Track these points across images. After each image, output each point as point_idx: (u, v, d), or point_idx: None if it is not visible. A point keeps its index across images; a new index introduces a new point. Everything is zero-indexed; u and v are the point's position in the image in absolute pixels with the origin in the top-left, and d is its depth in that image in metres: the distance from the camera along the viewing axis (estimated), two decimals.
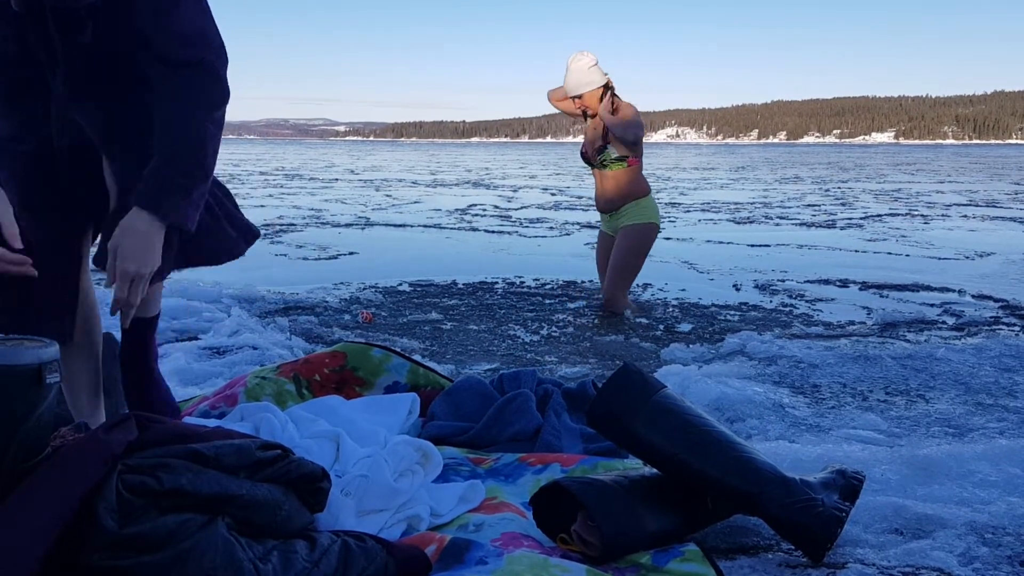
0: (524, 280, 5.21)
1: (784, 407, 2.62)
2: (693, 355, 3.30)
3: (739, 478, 1.60)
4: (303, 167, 25.82)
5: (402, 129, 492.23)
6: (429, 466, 1.77)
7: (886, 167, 29.65)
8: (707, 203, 12.10)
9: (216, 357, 3.16)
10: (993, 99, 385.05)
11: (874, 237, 7.83)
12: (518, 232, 8.16)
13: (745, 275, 5.52)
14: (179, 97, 1.56)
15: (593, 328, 3.86)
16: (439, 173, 22.57)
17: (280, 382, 2.32)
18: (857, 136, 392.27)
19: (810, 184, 17.83)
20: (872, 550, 1.64)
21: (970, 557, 1.61)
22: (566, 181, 18.49)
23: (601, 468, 1.86)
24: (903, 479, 1.97)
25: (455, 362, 3.19)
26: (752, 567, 1.58)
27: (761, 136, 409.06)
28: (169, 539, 1.09)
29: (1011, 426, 2.46)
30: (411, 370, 2.45)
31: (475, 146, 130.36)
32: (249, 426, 1.88)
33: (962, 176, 22.05)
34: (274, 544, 1.24)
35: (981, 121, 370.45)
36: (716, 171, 25.59)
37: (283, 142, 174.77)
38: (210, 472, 1.18)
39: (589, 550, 1.53)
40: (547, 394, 2.30)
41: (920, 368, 3.10)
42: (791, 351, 3.28)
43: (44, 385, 1.11)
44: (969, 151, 75.04)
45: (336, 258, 6.33)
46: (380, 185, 16.47)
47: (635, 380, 1.71)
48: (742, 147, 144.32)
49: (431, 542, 1.49)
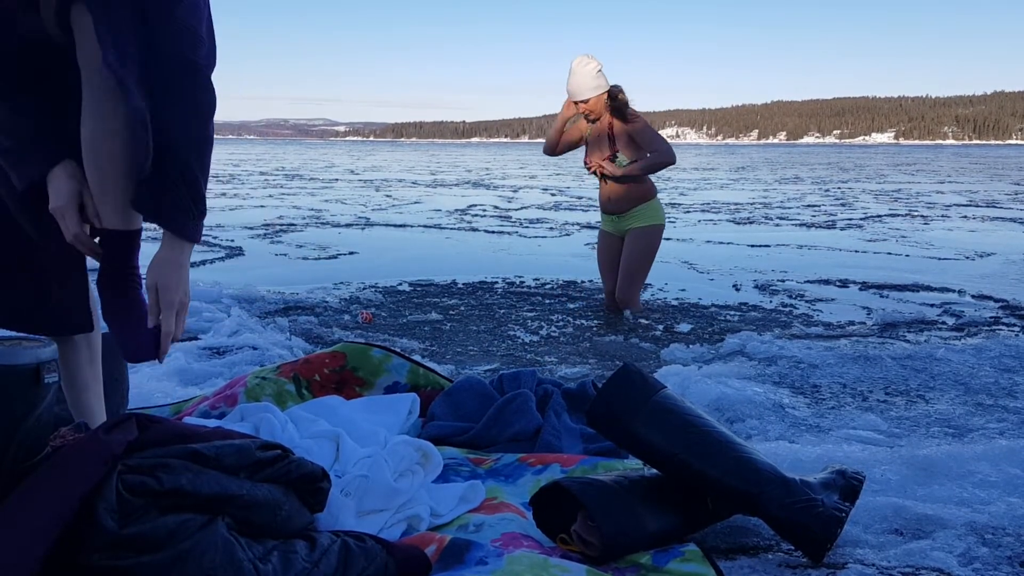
0: (524, 280, 5.21)
1: (784, 407, 2.62)
2: (693, 355, 3.30)
3: (739, 478, 1.60)
4: (303, 167, 25.82)
5: (402, 129, 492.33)
6: (429, 466, 1.77)
7: (886, 167, 29.66)
8: (707, 203, 12.11)
9: (216, 357, 3.16)
10: (993, 99, 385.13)
11: (874, 237, 7.83)
12: (518, 232, 8.16)
13: (745, 275, 5.53)
14: (180, 104, 1.50)
15: (593, 328, 3.86)
16: (439, 173, 22.58)
17: (280, 382, 2.32)
18: (857, 136, 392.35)
19: (810, 184, 17.84)
20: (872, 550, 1.64)
21: (970, 557, 1.61)
22: (566, 181, 18.49)
23: (601, 468, 1.86)
24: (903, 479, 1.97)
25: (455, 362, 3.19)
26: (752, 567, 1.58)
27: (761, 136, 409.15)
28: (169, 539, 1.09)
29: (1011, 426, 2.46)
30: (411, 370, 2.46)
31: (475, 146, 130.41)
32: (249, 426, 1.88)
33: (962, 176, 22.05)
34: (274, 544, 1.24)
35: (981, 121, 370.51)
36: (716, 171, 25.59)
37: (283, 142, 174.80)
38: (210, 472, 1.18)
39: (589, 550, 1.53)
40: (547, 394, 2.30)
41: (920, 368, 3.10)
42: (791, 351, 3.28)
43: (43, 385, 1.11)
44: (969, 151, 75.05)
45: (336, 258, 6.33)
46: (380, 185, 16.48)
47: (635, 380, 1.72)
48: (742, 147, 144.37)
49: (431, 542, 1.49)
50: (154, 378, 2.76)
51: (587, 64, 4.17)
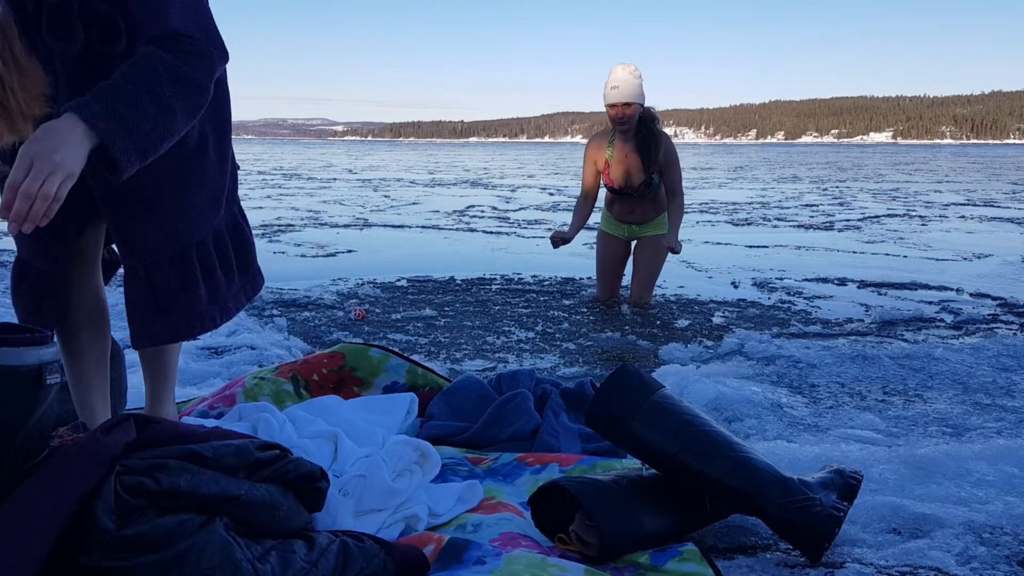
0: (522, 277, 5.21)
1: (782, 407, 2.62)
2: (691, 354, 3.30)
3: (737, 478, 1.60)
4: (301, 167, 25.80)
5: (400, 129, 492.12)
6: (427, 466, 1.77)
7: (884, 167, 29.68)
8: (705, 203, 12.10)
9: (214, 357, 3.16)
10: (991, 99, 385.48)
11: (872, 238, 7.83)
12: (516, 232, 8.16)
13: (743, 274, 5.53)
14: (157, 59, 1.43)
15: (591, 327, 3.86)
16: (437, 173, 22.56)
17: (278, 382, 2.32)
18: (855, 136, 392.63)
19: (808, 184, 17.84)
20: (870, 550, 1.64)
21: (968, 556, 1.61)
22: (564, 181, 18.49)
23: (599, 468, 1.86)
24: (901, 479, 1.97)
25: (452, 361, 3.19)
26: (750, 567, 1.58)
27: (759, 136, 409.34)
28: (167, 539, 1.09)
29: (1009, 425, 2.46)
30: (409, 370, 2.46)
31: (473, 146, 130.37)
32: (247, 426, 1.88)
33: (960, 176, 22.07)
34: (272, 544, 1.24)
35: (979, 121, 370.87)
36: (714, 171, 25.60)
37: (281, 142, 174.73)
38: (208, 472, 1.18)
39: (587, 550, 1.53)
40: (545, 394, 2.30)
41: (918, 368, 3.10)
42: (789, 351, 3.28)
43: (45, 386, 1.11)
44: (967, 151, 75.13)
45: (334, 256, 6.33)
46: (378, 185, 16.46)
47: (633, 380, 1.72)
48: (740, 147, 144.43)
49: (429, 542, 1.49)
50: None
51: (634, 71, 4.21)
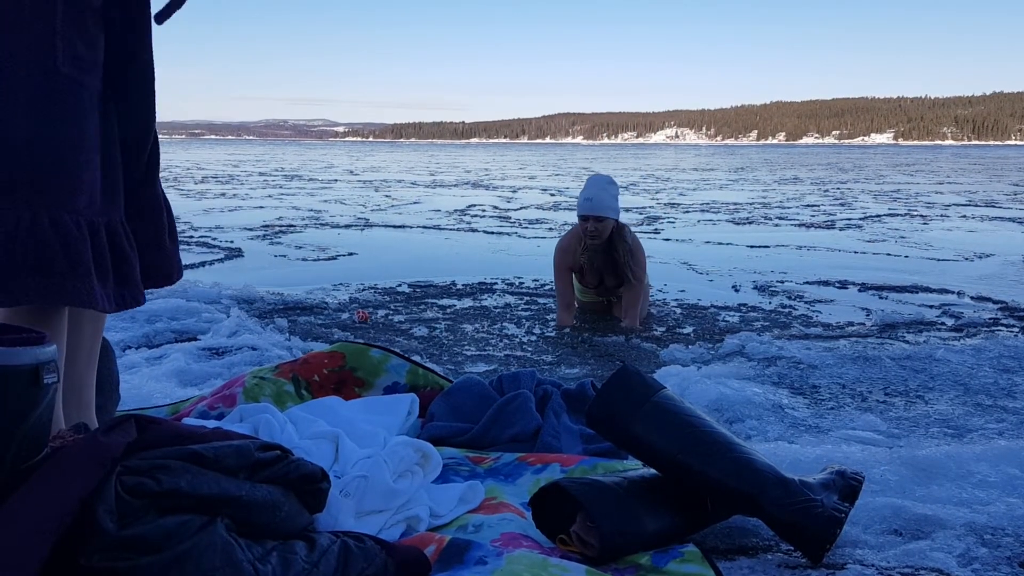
0: (523, 280, 5.21)
1: (783, 408, 2.62)
2: (692, 356, 3.30)
3: (738, 479, 1.60)
4: (302, 168, 25.82)
5: (401, 130, 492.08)
6: (428, 467, 1.77)
7: (885, 168, 29.67)
8: (706, 204, 12.11)
9: (215, 358, 3.16)
10: (992, 100, 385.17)
11: (873, 238, 7.83)
12: (517, 233, 8.16)
13: (744, 276, 5.53)
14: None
15: (592, 328, 3.85)
16: (438, 174, 22.57)
17: (279, 382, 2.32)
18: (856, 137, 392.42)
19: (809, 185, 17.84)
20: (871, 551, 1.64)
21: (969, 558, 1.61)
22: (565, 182, 18.50)
23: (601, 469, 1.86)
24: (902, 480, 1.97)
25: (453, 363, 3.19)
26: (751, 568, 1.58)
27: (760, 137, 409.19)
28: (168, 540, 1.09)
29: (1010, 427, 2.46)
30: (410, 370, 2.45)
31: (474, 147, 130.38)
32: (248, 427, 1.88)
33: (961, 177, 22.06)
34: (273, 545, 1.24)
35: (980, 122, 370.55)
36: (715, 172, 25.60)
37: (282, 143, 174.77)
38: (209, 473, 1.18)
39: (588, 551, 1.53)
40: (546, 395, 2.30)
41: (919, 369, 3.10)
42: (790, 352, 3.28)
43: (42, 386, 1.10)
44: (968, 152, 75.10)
45: (335, 259, 6.33)
46: (379, 186, 16.47)
47: (634, 381, 1.72)
48: (741, 148, 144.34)
49: (430, 543, 1.49)
50: (153, 379, 2.77)
51: (610, 185, 3.95)
